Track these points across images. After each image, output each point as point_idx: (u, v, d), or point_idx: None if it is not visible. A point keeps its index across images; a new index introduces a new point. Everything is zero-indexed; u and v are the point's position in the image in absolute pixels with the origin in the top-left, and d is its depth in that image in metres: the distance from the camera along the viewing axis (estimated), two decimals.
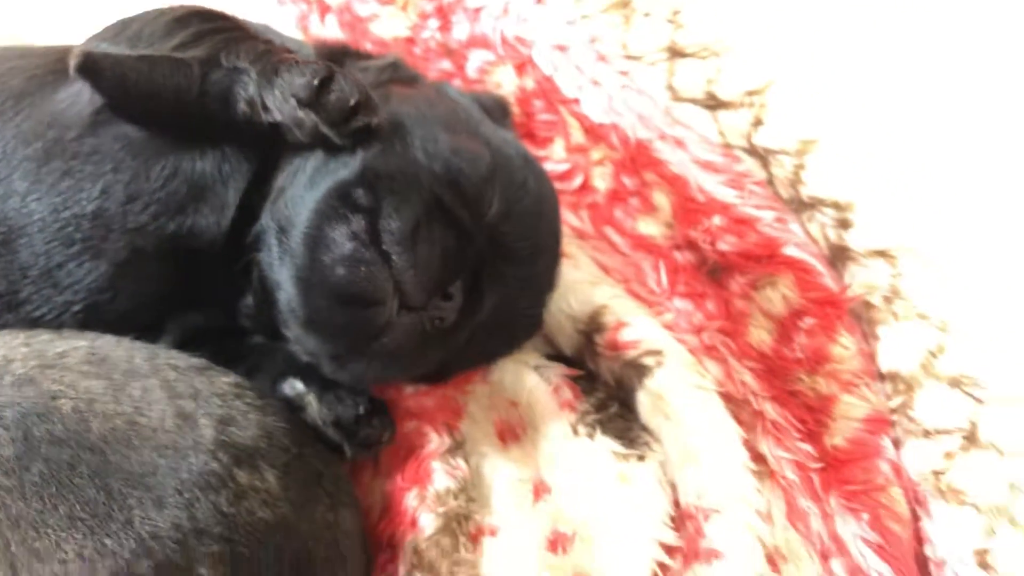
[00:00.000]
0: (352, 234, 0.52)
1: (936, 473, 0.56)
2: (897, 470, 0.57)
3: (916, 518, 0.57)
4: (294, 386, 0.61)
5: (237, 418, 0.56)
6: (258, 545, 0.51)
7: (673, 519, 0.57)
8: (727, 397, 0.61)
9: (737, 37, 0.70)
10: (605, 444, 0.61)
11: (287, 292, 0.55)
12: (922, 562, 0.56)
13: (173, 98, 0.58)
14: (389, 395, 0.64)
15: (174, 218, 0.59)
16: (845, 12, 0.70)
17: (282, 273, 0.55)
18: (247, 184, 0.60)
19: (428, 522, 0.59)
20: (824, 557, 0.55)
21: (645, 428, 0.62)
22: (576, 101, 0.73)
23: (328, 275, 0.52)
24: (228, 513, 0.51)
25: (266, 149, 0.59)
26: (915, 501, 0.57)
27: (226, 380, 0.58)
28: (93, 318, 0.60)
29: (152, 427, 0.53)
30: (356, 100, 0.53)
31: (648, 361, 0.62)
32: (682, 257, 0.68)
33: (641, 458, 0.60)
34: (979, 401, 0.56)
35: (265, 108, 0.55)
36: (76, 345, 0.57)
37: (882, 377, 0.60)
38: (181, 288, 0.61)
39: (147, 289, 0.61)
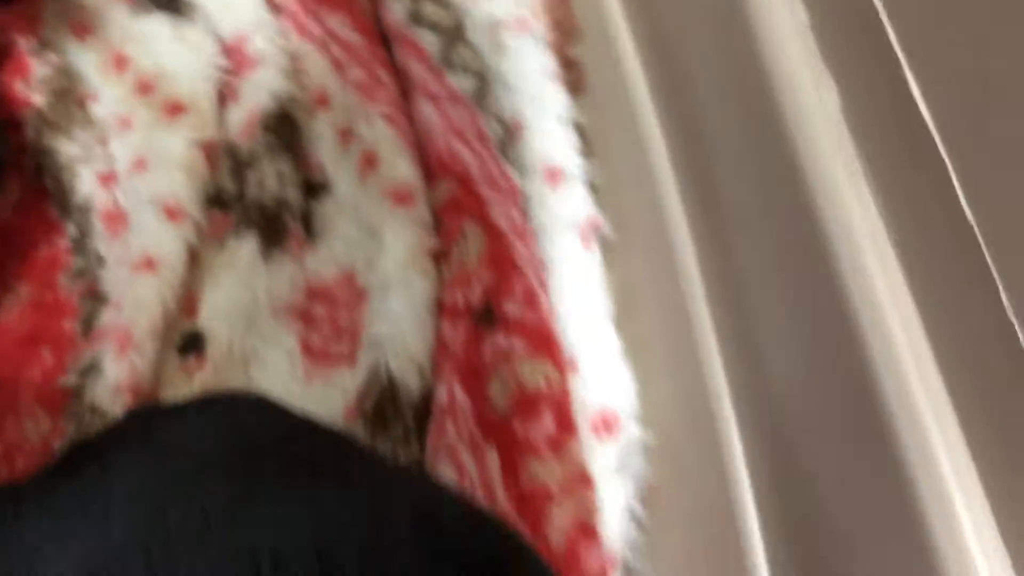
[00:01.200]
0: None
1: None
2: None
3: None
4: None
5: None
6: None
7: (224, 55, 0.80)
8: None
9: None
10: (162, 17, 0.82)
11: None
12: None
13: None
14: None
15: None
16: None
17: None
18: None
19: (40, 98, 0.77)
20: (325, 48, 0.82)
21: (192, 9, 0.84)
22: None
23: None
24: None
25: None
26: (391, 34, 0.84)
27: None
28: None
29: None
30: None
31: None
32: None
33: (192, 23, 0.82)
34: None
35: None
36: None
37: None
38: None
39: None
